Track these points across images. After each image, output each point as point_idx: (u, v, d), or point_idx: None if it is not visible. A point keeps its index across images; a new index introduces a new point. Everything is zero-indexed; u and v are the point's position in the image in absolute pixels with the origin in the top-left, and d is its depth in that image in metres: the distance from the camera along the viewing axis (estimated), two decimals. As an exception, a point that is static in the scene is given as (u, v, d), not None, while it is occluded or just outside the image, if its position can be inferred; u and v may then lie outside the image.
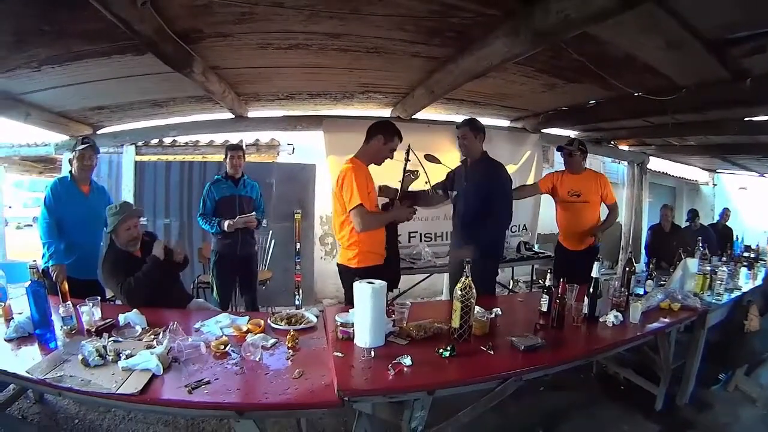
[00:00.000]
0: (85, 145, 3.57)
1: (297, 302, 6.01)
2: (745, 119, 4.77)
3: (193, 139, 6.46)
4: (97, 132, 5.10)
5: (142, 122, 5.17)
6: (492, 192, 3.36)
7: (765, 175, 9.63)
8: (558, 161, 4.98)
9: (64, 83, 3.54)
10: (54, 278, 3.25)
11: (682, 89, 3.59)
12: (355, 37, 2.98)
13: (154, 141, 6.13)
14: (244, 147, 4.87)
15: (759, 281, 4.02)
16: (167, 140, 6.22)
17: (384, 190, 3.34)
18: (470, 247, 3.19)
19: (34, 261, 2.91)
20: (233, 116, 5.05)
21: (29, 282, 2.39)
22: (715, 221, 7.66)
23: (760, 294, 3.70)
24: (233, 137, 6.08)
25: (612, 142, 7.27)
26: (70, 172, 3.64)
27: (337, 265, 3.25)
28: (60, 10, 2.39)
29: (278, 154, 6.94)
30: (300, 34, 2.91)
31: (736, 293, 3.65)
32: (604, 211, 4.46)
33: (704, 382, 3.59)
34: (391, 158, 3.22)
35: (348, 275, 2.99)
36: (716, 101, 3.74)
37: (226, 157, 4.27)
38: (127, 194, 5.39)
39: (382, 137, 3.12)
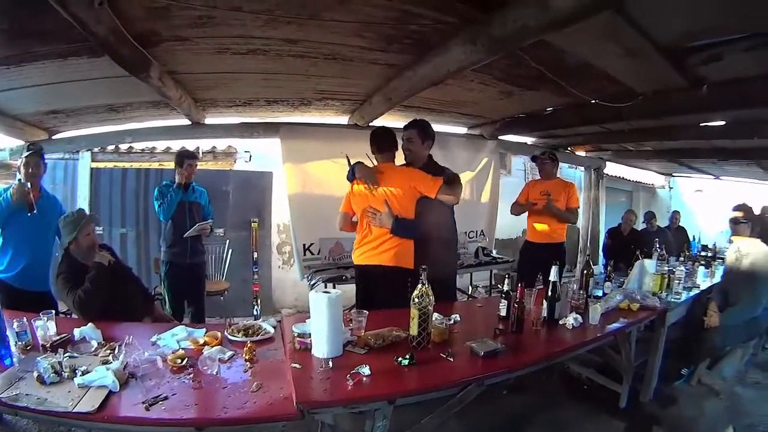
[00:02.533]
0: (30, 152, 3.44)
1: (255, 312, 5.92)
2: (701, 124, 4.90)
3: (150, 146, 6.30)
4: (53, 137, 4.87)
5: (98, 128, 4.96)
6: (431, 203, 3.14)
7: (720, 177, 9.94)
8: (516, 168, 5.29)
9: (19, 85, 3.37)
10: None
11: (639, 96, 3.67)
12: (313, 43, 2.94)
13: (111, 147, 5.95)
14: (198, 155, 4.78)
15: (717, 279, 4.16)
16: (123, 147, 6.03)
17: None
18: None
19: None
20: (190, 123, 4.90)
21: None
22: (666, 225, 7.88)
23: (719, 291, 3.82)
24: (190, 144, 5.87)
25: (569, 149, 7.40)
26: (20, 180, 3.48)
27: (388, 267, 3.11)
28: (19, 9, 2.29)
29: (235, 161, 6.81)
30: (258, 40, 2.86)
31: (695, 291, 3.80)
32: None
33: (667, 378, 3.69)
34: None
35: (405, 276, 2.93)
36: (673, 108, 3.81)
37: (181, 165, 4.15)
38: (83, 202, 5.25)
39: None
